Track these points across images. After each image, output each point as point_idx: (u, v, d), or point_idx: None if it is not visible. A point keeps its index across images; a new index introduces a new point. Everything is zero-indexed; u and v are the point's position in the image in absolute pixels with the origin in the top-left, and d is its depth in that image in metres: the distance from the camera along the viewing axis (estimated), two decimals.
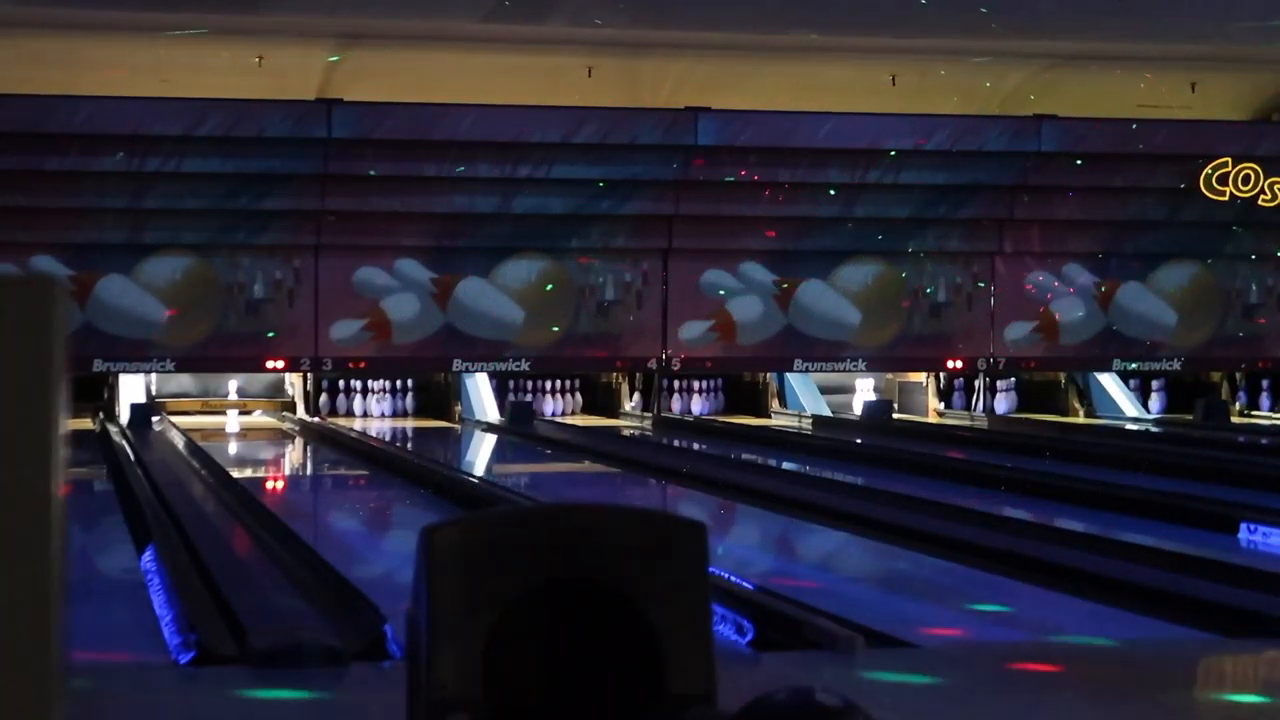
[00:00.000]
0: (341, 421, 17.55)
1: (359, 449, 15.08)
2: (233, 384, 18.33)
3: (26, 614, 2.10)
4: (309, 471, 15.25)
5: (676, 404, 18.44)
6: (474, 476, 13.08)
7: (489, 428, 17.17)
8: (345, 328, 17.13)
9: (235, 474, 12.53)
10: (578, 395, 18.71)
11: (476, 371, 17.70)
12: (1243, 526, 9.42)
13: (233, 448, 15.94)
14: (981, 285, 18.25)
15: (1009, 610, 7.57)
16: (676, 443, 15.97)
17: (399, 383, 18.40)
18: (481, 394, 17.86)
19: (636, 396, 18.53)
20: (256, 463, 15.35)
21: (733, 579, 7.20)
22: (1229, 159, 18.03)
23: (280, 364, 17.13)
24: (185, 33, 15.94)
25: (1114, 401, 18.73)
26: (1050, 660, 6.04)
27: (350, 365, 17.37)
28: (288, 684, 5.32)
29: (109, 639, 6.47)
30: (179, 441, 15.06)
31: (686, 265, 17.66)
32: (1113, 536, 9.14)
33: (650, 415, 18.09)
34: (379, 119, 16.70)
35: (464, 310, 17.34)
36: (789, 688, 3.49)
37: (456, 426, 17.68)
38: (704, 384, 18.65)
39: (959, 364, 18.33)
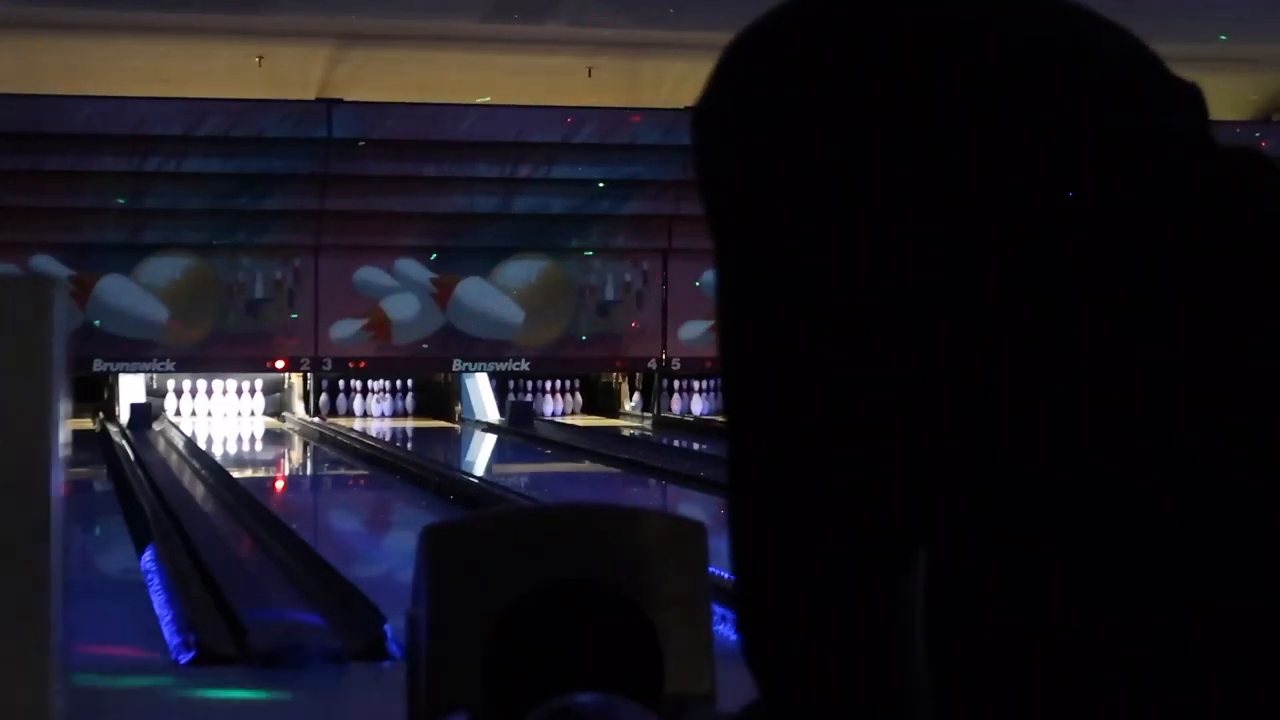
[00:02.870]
0: (341, 421, 17.55)
1: (359, 449, 15.07)
2: (231, 384, 18.31)
3: (26, 614, 2.10)
4: (309, 471, 15.26)
5: (676, 404, 18.44)
6: (474, 476, 13.08)
7: (489, 428, 17.17)
8: (345, 328, 17.13)
9: (235, 474, 12.53)
10: (578, 395, 18.71)
11: (476, 371, 17.70)
12: None
13: (233, 448, 15.94)
14: None
15: None
16: (676, 443, 15.97)
17: (399, 383, 18.39)
18: (481, 394, 17.86)
19: (636, 396, 18.53)
20: (256, 463, 15.36)
21: (733, 579, 7.19)
22: None
23: (280, 364, 17.13)
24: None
25: None
26: None
27: (350, 365, 17.37)
28: (288, 684, 5.32)
29: (109, 639, 6.47)
30: (179, 441, 15.07)
31: (686, 265, 17.65)
32: None
33: (650, 415, 18.09)
34: (379, 119, 16.70)
35: (464, 310, 17.34)
36: None
37: (456, 426, 17.68)
38: (704, 384, 18.65)
39: None
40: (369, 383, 18.27)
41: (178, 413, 17.71)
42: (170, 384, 17.80)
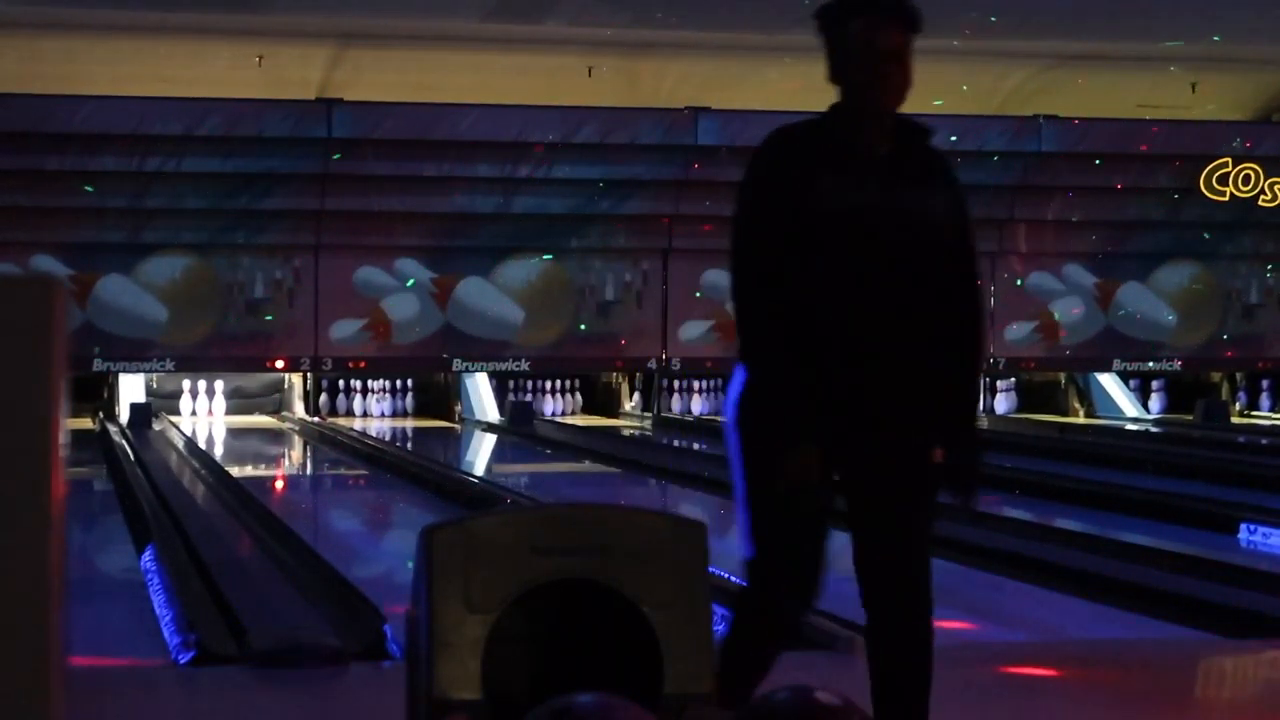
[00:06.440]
0: (341, 421, 17.55)
1: (359, 449, 15.08)
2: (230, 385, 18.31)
3: (26, 614, 2.10)
4: (309, 471, 15.26)
5: (676, 404, 18.44)
6: (474, 476, 13.08)
7: (489, 428, 17.17)
8: (345, 328, 17.13)
9: (235, 474, 12.53)
10: (578, 395, 18.70)
11: (476, 371, 17.70)
12: (1243, 526, 9.43)
13: (233, 448, 15.94)
14: (980, 285, 18.22)
15: (1009, 610, 7.57)
16: (676, 443, 15.97)
17: (399, 383, 18.39)
18: (481, 394, 17.86)
19: (636, 396, 18.53)
20: (256, 463, 15.36)
21: (733, 579, 7.20)
22: (1229, 159, 18.03)
23: (280, 364, 17.13)
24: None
25: (1114, 401, 18.73)
26: (1050, 660, 6.04)
27: (350, 365, 17.37)
28: (288, 684, 5.32)
29: (109, 639, 6.47)
30: (179, 441, 15.08)
31: (686, 265, 17.66)
32: (1113, 536, 9.14)
33: (650, 415, 18.09)
34: (379, 119, 16.69)
35: (464, 310, 17.34)
36: (789, 688, 3.49)
37: (456, 426, 17.68)
38: (704, 384, 18.65)
39: None
40: (369, 383, 18.27)
41: (194, 413, 17.76)
42: (185, 384, 17.83)
